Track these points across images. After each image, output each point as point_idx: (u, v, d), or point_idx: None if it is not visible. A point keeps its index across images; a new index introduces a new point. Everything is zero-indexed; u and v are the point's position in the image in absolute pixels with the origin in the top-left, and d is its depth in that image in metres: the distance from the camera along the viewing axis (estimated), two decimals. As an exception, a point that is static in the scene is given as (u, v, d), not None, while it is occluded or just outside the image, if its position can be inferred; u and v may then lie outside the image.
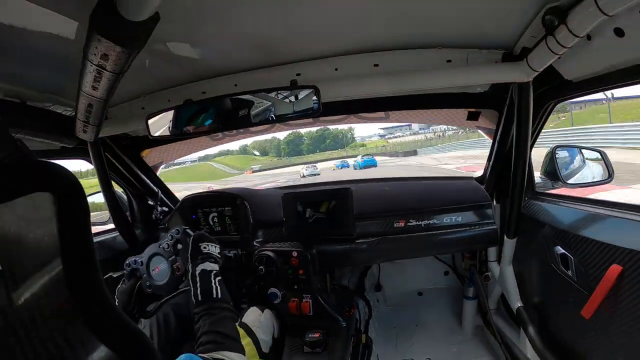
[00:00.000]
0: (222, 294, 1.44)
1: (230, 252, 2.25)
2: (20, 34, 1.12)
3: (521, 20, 1.38)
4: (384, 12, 1.36)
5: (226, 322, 1.34)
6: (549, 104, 1.78)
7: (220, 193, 2.50)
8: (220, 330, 1.29)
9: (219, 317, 1.35)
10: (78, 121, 1.66)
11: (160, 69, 1.68)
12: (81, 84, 1.29)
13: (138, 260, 1.81)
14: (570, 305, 1.61)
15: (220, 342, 1.25)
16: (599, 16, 1.04)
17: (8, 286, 0.61)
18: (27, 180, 0.66)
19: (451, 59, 1.68)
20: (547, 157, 2.04)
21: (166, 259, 1.74)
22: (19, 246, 0.64)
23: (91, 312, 0.74)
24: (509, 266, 2.15)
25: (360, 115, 2.39)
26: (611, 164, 1.87)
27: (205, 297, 1.41)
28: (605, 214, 1.45)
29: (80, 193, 0.72)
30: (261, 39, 1.52)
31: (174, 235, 1.77)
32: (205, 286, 1.45)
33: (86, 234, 0.74)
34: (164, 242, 1.77)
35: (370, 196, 2.34)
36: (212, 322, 1.31)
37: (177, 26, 1.29)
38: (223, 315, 1.36)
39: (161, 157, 2.80)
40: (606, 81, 1.39)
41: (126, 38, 1.02)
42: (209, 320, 1.32)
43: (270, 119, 1.63)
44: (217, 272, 1.53)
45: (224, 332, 1.29)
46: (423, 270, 3.07)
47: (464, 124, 2.36)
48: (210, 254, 1.60)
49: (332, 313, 2.06)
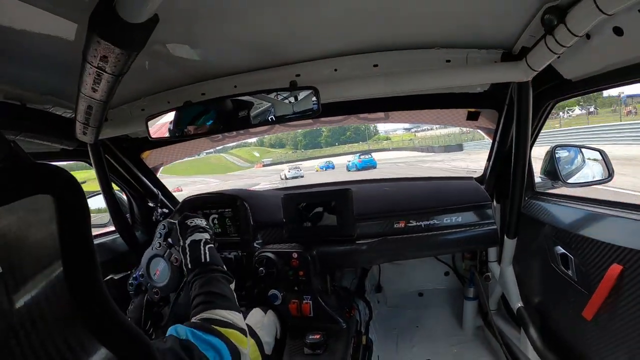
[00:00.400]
0: (211, 258, 1.42)
1: (231, 254, 2.25)
2: (20, 36, 1.13)
3: (520, 20, 1.38)
4: (382, 13, 1.36)
5: (215, 282, 1.31)
6: (548, 104, 1.78)
7: (220, 194, 2.51)
8: (208, 290, 1.25)
9: (208, 278, 1.32)
10: (78, 123, 1.67)
11: (160, 70, 1.68)
12: (81, 86, 1.29)
13: (138, 273, 1.81)
14: (570, 305, 1.60)
15: (210, 301, 1.20)
16: (598, 15, 1.03)
17: (8, 288, 0.61)
18: (27, 182, 0.65)
19: (450, 59, 1.68)
20: (547, 156, 2.05)
21: (162, 256, 1.74)
22: (19, 248, 0.63)
23: (92, 314, 0.73)
24: (509, 266, 2.15)
25: (360, 116, 2.39)
26: (611, 162, 1.87)
27: (194, 264, 1.40)
28: (606, 213, 1.45)
29: (80, 195, 0.72)
30: (260, 40, 1.52)
31: (162, 231, 1.78)
32: (194, 254, 1.43)
33: (86, 236, 0.73)
34: (156, 242, 1.78)
35: (370, 197, 2.34)
36: (202, 284, 1.29)
37: (176, 28, 1.29)
38: (212, 276, 1.33)
39: (161, 158, 2.80)
40: (606, 80, 1.39)
41: (125, 40, 1.02)
42: (198, 284, 1.29)
43: (270, 120, 1.63)
44: (206, 239, 1.51)
45: (212, 291, 1.25)
46: (423, 271, 3.07)
47: (464, 124, 2.36)
48: (198, 225, 1.59)
49: (333, 314, 2.06)
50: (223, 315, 1.16)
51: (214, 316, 1.15)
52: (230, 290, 1.32)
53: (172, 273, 1.72)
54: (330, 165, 44.24)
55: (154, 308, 1.80)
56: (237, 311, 1.22)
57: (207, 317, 1.14)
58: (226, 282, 1.34)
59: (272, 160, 75.77)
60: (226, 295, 1.26)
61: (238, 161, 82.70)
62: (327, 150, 78.91)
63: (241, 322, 1.20)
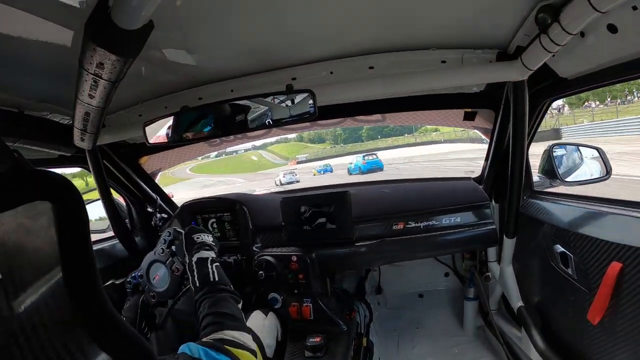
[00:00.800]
0: (219, 277, 1.42)
1: (230, 258, 2.25)
2: (16, 43, 1.13)
3: (514, 19, 1.39)
4: (377, 15, 1.37)
5: (224, 302, 1.31)
6: (544, 102, 1.79)
7: (219, 199, 2.51)
8: (218, 310, 1.26)
9: (217, 298, 1.32)
10: (75, 129, 1.67)
11: (157, 75, 1.68)
12: (78, 92, 1.29)
13: (137, 274, 1.82)
14: (571, 303, 1.61)
15: (220, 322, 1.21)
16: (591, 13, 1.04)
17: (8, 294, 0.61)
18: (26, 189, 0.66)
19: (446, 59, 1.69)
20: (545, 155, 2.05)
21: (164, 263, 1.74)
22: (18, 255, 0.64)
23: (91, 320, 0.74)
24: (509, 266, 2.15)
25: (357, 118, 2.39)
26: (609, 160, 1.88)
27: (202, 283, 1.40)
28: (604, 210, 1.45)
29: (79, 201, 0.72)
30: (256, 44, 1.53)
31: (166, 238, 1.78)
32: (202, 272, 1.43)
33: (86, 242, 0.74)
34: (159, 247, 1.78)
35: (368, 199, 2.34)
36: (211, 304, 1.29)
37: (172, 33, 1.29)
38: (221, 296, 1.33)
39: (159, 164, 2.81)
40: (601, 78, 1.40)
41: (121, 46, 1.02)
42: (207, 303, 1.29)
43: (268, 124, 1.63)
44: (213, 258, 1.51)
45: (222, 312, 1.25)
46: (423, 272, 3.06)
47: (461, 124, 2.37)
48: (205, 242, 1.60)
49: (333, 317, 2.06)
50: (234, 336, 1.17)
51: (225, 337, 1.15)
52: (239, 310, 1.32)
53: (171, 280, 1.72)
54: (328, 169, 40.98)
55: (149, 309, 1.80)
56: (247, 332, 1.23)
57: (219, 338, 1.15)
58: (234, 302, 1.34)
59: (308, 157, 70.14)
60: (235, 316, 1.26)
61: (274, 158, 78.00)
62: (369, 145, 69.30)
63: (251, 342, 1.21)
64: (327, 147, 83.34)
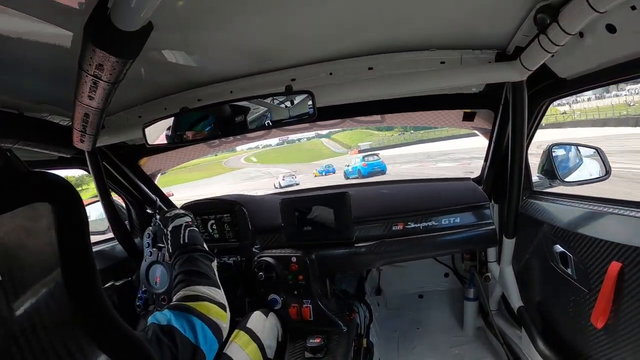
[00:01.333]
0: (189, 239, 1.41)
1: (230, 259, 2.25)
2: (16, 44, 1.13)
3: (513, 20, 1.39)
4: (376, 16, 1.37)
5: (194, 260, 1.29)
6: (543, 103, 1.79)
7: (218, 200, 2.51)
8: (187, 269, 1.24)
9: (186, 257, 1.30)
10: (75, 131, 1.67)
11: (156, 77, 1.69)
12: (77, 94, 1.30)
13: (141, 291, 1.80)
14: (570, 303, 1.61)
15: (187, 279, 1.19)
16: (590, 13, 1.04)
17: (8, 296, 0.61)
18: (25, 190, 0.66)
19: (445, 60, 1.69)
20: (544, 155, 2.05)
21: (157, 261, 1.74)
22: (18, 256, 0.64)
23: (91, 321, 0.74)
24: (509, 266, 2.15)
25: (357, 119, 2.40)
26: (608, 160, 1.88)
27: (174, 247, 1.39)
28: (603, 210, 1.45)
29: (78, 202, 0.73)
30: (255, 45, 1.53)
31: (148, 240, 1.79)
32: (175, 239, 1.42)
33: (85, 244, 0.74)
34: (146, 251, 1.78)
35: (368, 200, 2.34)
36: (181, 264, 1.27)
37: (171, 34, 1.29)
38: (191, 255, 1.31)
39: (159, 165, 2.80)
40: (600, 78, 1.40)
41: (120, 48, 1.02)
42: (177, 264, 1.28)
43: (267, 125, 1.63)
44: (187, 223, 1.50)
45: (190, 270, 1.23)
46: (423, 273, 3.07)
47: (460, 124, 2.37)
48: (177, 213, 1.59)
49: (333, 318, 2.06)
50: (200, 291, 1.14)
51: (191, 292, 1.13)
52: (210, 268, 1.29)
53: (169, 274, 1.71)
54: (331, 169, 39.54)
55: None
56: (217, 287, 1.20)
57: (184, 295, 1.12)
58: (206, 260, 1.32)
59: (371, 145, 63.48)
60: (204, 273, 1.24)
61: (335, 147, 72.99)
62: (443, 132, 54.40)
63: (221, 297, 1.18)
64: (395, 134, 74.86)
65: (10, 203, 0.62)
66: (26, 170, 0.70)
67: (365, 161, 29.17)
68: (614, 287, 1.28)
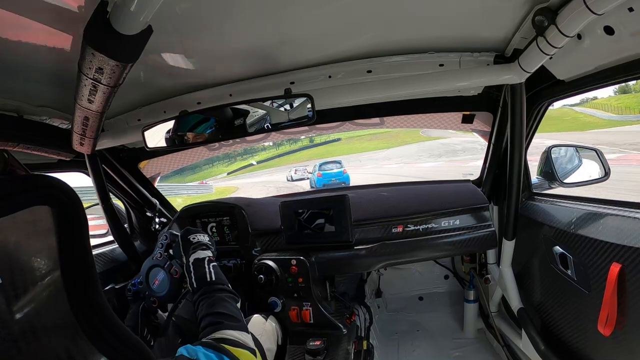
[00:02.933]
0: (216, 277, 1.41)
1: (230, 262, 2.25)
2: (16, 48, 1.13)
3: (511, 22, 1.40)
4: (375, 19, 1.37)
5: (222, 302, 1.29)
6: (542, 105, 1.79)
7: (218, 203, 2.51)
8: (217, 310, 1.24)
9: (215, 298, 1.31)
10: (75, 134, 1.67)
11: (155, 80, 1.69)
12: (77, 97, 1.30)
13: (137, 280, 1.81)
14: (571, 304, 1.61)
15: (219, 322, 1.19)
16: (588, 15, 1.04)
17: (9, 299, 0.61)
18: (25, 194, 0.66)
19: (443, 62, 1.70)
20: (543, 157, 2.05)
21: (162, 267, 1.74)
22: (19, 259, 0.64)
23: (91, 324, 0.74)
24: (509, 268, 2.15)
25: (356, 122, 2.40)
26: (607, 161, 1.88)
27: (200, 283, 1.38)
28: (603, 211, 1.45)
29: (78, 206, 0.73)
30: (255, 48, 1.53)
31: (164, 242, 1.78)
32: (198, 273, 1.42)
33: (85, 246, 0.74)
34: (157, 252, 1.78)
35: (367, 202, 2.34)
36: (209, 304, 1.27)
37: (171, 38, 1.30)
38: (219, 296, 1.32)
39: (158, 168, 2.81)
40: (598, 79, 1.40)
41: (120, 52, 1.03)
42: (205, 304, 1.28)
43: (266, 128, 1.63)
44: (210, 258, 1.50)
45: (221, 312, 1.24)
46: (423, 275, 3.07)
47: (460, 127, 2.37)
48: (201, 242, 1.59)
49: (333, 320, 2.06)
50: (234, 336, 1.16)
51: (225, 336, 1.15)
52: (237, 310, 1.31)
53: (171, 284, 1.72)
54: None
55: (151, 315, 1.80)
56: (246, 331, 1.22)
57: (218, 337, 1.14)
58: (233, 301, 1.33)
59: None
60: (235, 316, 1.25)
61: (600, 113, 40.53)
62: None
63: (251, 342, 1.20)
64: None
65: (11, 206, 0.62)
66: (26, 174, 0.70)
67: (320, 170, 21.67)
68: (616, 290, 1.27)
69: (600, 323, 1.35)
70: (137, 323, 1.74)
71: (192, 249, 1.54)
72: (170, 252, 1.75)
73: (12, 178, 0.68)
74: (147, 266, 1.78)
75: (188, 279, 1.44)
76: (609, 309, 1.30)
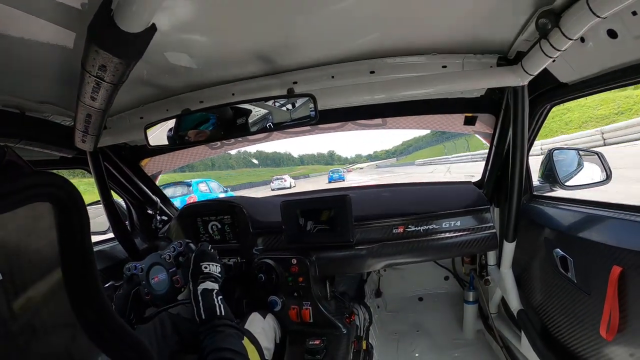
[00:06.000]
0: (225, 312, 1.45)
1: (230, 261, 2.25)
2: (19, 45, 1.14)
3: (515, 25, 1.40)
4: (379, 20, 1.37)
5: (233, 339, 1.34)
6: (544, 107, 1.79)
7: (219, 202, 2.51)
8: (229, 347, 1.29)
9: (226, 334, 1.34)
10: (77, 131, 1.67)
11: (158, 78, 1.69)
12: (80, 94, 1.30)
13: (138, 266, 1.82)
14: (571, 307, 1.60)
15: (229, 358, 1.24)
16: (591, 18, 1.05)
17: (8, 295, 0.61)
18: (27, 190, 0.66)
19: (447, 64, 1.70)
20: (545, 160, 2.05)
21: (166, 269, 1.75)
22: (19, 256, 0.64)
23: (91, 321, 0.74)
24: (509, 270, 2.15)
25: (358, 123, 2.40)
26: (608, 164, 1.88)
27: (209, 316, 1.42)
28: (604, 215, 1.45)
29: (79, 203, 0.73)
30: (258, 48, 1.53)
31: (177, 248, 1.79)
32: (207, 305, 1.45)
33: (86, 244, 0.74)
34: (166, 253, 1.78)
35: (369, 202, 2.34)
36: (220, 339, 1.31)
37: (174, 36, 1.30)
38: (229, 332, 1.36)
39: (160, 166, 2.81)
40: (601, 83, 1.40)
41: (124, 49, 1.03)
42: (216, 338, 1.32)
43: (268, 127, 1.63)
44: (218, 291, 1.54)
45: (233, 349, 1.28)
46: (423, 276, 3.07)
47: (462, 128, 2.37)
48: (211, 274, 1.62)
49: (333, 320, 2.06)
50: None
51: None
52: (243, 347, 1.35)
53: (170, 288, 1.73)
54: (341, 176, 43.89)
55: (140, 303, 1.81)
56: None
57: None
58: (239, 338, 1.38)
59: None
60: (242, 354, 1.30)
61: None
62: None
63: None
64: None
65: (11, 203, 0.62)
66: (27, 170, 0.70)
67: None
68: (617, 293, 1.27)
69: (602, 327, 1.35)
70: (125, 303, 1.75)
71: (201, 278, 1.58)
72: (179, 260, 1.76)
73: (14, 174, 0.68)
74: (152, 260, 1.79)
75: (195, 308, 1.47)
76: (611, 312, 1.30)
